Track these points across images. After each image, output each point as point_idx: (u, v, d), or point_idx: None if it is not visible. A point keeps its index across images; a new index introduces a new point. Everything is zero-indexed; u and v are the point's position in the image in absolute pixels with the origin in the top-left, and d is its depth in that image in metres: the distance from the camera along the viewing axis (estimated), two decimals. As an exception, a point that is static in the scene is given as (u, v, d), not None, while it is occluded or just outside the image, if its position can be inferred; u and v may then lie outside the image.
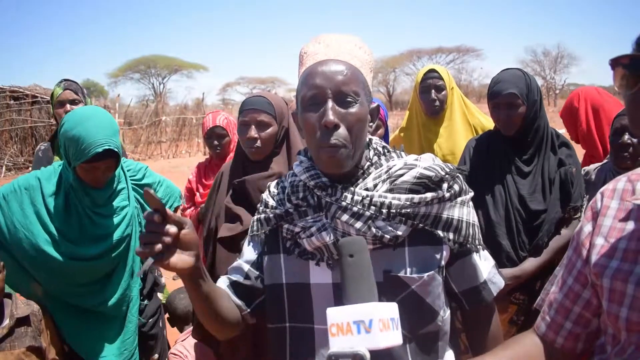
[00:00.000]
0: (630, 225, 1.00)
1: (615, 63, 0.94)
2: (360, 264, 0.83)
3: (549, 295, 1.16)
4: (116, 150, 1.97)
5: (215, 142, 3.33)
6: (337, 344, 0.77)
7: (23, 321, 2.12)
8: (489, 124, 2.82)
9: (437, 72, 2.92)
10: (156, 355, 2.39)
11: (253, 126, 2.00)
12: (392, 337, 0.78)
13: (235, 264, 1.35)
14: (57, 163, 2.22)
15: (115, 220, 2.12)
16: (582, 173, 2.42)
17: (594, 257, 1.03)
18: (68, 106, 3.01)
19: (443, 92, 2.88)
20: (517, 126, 2.29)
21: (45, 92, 18.02)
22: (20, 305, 2.16)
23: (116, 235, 2.11)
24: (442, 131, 2.93)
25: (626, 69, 0.94)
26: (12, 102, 17.22)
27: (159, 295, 2.48)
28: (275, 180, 1.37)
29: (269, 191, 1.34)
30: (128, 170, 2.29)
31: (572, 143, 2.51)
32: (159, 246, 1.01)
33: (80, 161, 1.95)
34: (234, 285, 1.33)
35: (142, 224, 2.29)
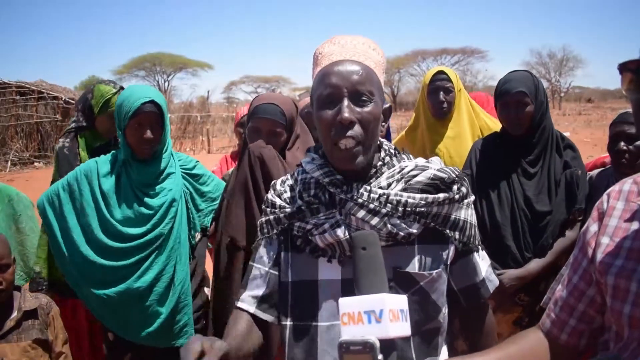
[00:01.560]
0: (635, 226, 1.03)
1: (623, 68, 0.97)
2: (372, 256, 0.85)
3: (554, 293, 1.19)
4: (160, 104, 2.15)
5: None
6: (348, 332, 0.79)
7: (30, 314, 2.15)
8: (495, 126, 2.82)
9: (445, 74, 2.92)
10: None
11: (264, 135, 2.01)
12: (401, 327, 0.80)
13: (253, 273, 1.34)
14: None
15: (160, 200, 2.21)
16: (587, 175, 2.43)
17: (599, 256, 1.05)
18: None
19: (451, 94, 2.89)
20: (525, 125, 2.31)
21: (51, 87, 18.11)
22: (29, 298, 2.19)
23: (158, 215, 2.19)
24: (449, 133, 2.92)
25: (634, 73, 0.96)
26: (18, 97, 17.33)
27: (206, 290, 2.48)
28: (280, 179, 1.38)
29: (274, 190, 1.35)
30: (179, 160, 2.38)
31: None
32: None
33: (129, 114, 2.11)
34: (260, 301, 1.32)
35: (192, 208, 2.36)
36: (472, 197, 1.29)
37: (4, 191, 2.74)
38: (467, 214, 1.26)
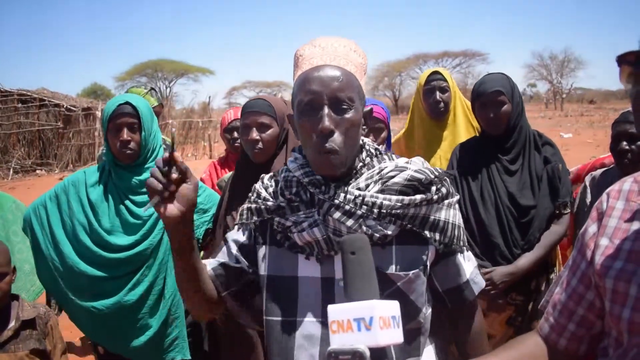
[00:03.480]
0: (635, 226, 1.00)
1: (621, 60, 0.93)
2: (362, 261, 0.82)
3: (553, 296, 1.15)
4: (136, 107, 2.13)
5: (235, 135, 3.26)
6: (337, 341, 0.77)
7: (28, 324, 2.13)
8: None
9: (440, 74, 2.93)
10: None
11: (254, 128, 2.02)
12: (392, 335, 0.77)
13: (223, 248, 1.38)
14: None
15: (148, 211, 2.17)
16: (567, 170, 2.46)
17: (597, 258, 1.02)
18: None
19: (447, 94, 2.89)
20: (503, 125, 2.34)
21: (52, 95, 18.16)
22: (27, 308, 2.17)
23: (148, 225, 2.17)
24: (446, 135, 2.93)
25: (632, 66, 0.93)
26: (19, 105, 17.35)
27: None
28: (269, 174, 1.39)
29: (262, 182, 1.36)
30: None
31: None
32: (160, 187, 1.09)
33: (107, 118, 2.12)
34: (222, 266, 1.34)
35: None
36: (456, 197, 1.28)
37: (1, 199, 2.73)
38: (448, 214, 1.25)
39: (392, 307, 0.79)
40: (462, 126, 2.92)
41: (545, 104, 52.84)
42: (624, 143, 2.28)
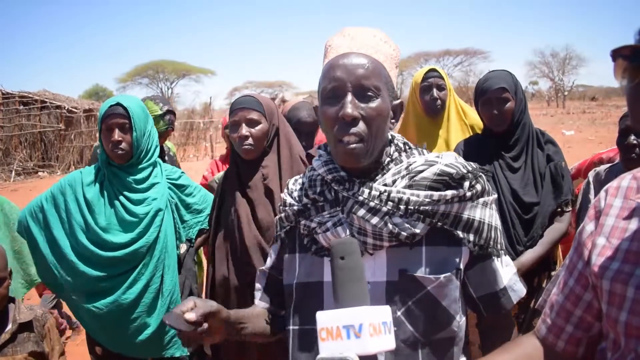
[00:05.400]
0: (633, 225, 0.96)
1: (616, 54, 0.89)
2: (351, 266, 0.80)
3: (550, 296, 1.13)
4: (127, 107, 2.13)
5: None
6: (326, 348, 0.75)
7: (26, 326, 2.13)
8: None
9: (437, 71, 2.94)
10: None
11: (244, 124, 2.03)
12: (383, 341, 0.75)
13: (268, 258, 1.38)
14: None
15: (144, 209, 2.19)
16: (569, 169, 2.48)
17: (594, 258, 0.99)
18: None
19: (444, 92, 2.90)
20: (507, 121, 2.35)
21: (54, 97, 18.19)
22: (24, 311, 2.17)
23: (144, 223, 2.17)
24: (441, 132, 2.93)
25: (627, 60, 0.88)
26: (21, 107, 17.40)
27: None
28: (294, 177, 1.35)
29: (288, 188, 1.32)
30: (165, 170, 2.38)
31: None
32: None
33: (100, 119, 2.14)
34: (266, 275, 1.37)
35: (177, 218, 2.34)
36: (494, 196, 1.20)
37: None
38: (483, 214, 1.16)
39: (383, 313, 0.77)
40: (456, 124, 2.92)
41: (547, 101, 52.83)
42: (632, 137, 2.26)
